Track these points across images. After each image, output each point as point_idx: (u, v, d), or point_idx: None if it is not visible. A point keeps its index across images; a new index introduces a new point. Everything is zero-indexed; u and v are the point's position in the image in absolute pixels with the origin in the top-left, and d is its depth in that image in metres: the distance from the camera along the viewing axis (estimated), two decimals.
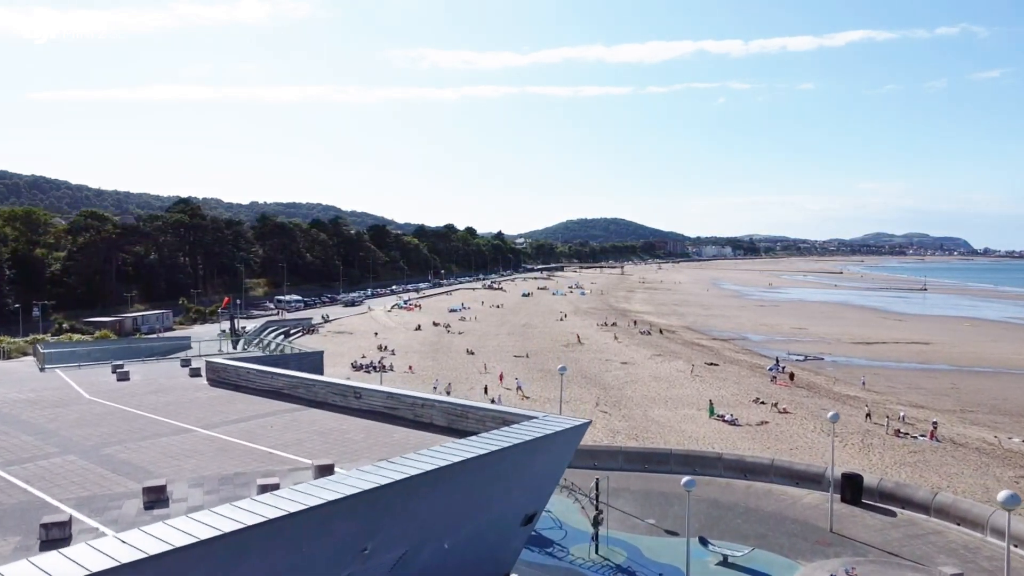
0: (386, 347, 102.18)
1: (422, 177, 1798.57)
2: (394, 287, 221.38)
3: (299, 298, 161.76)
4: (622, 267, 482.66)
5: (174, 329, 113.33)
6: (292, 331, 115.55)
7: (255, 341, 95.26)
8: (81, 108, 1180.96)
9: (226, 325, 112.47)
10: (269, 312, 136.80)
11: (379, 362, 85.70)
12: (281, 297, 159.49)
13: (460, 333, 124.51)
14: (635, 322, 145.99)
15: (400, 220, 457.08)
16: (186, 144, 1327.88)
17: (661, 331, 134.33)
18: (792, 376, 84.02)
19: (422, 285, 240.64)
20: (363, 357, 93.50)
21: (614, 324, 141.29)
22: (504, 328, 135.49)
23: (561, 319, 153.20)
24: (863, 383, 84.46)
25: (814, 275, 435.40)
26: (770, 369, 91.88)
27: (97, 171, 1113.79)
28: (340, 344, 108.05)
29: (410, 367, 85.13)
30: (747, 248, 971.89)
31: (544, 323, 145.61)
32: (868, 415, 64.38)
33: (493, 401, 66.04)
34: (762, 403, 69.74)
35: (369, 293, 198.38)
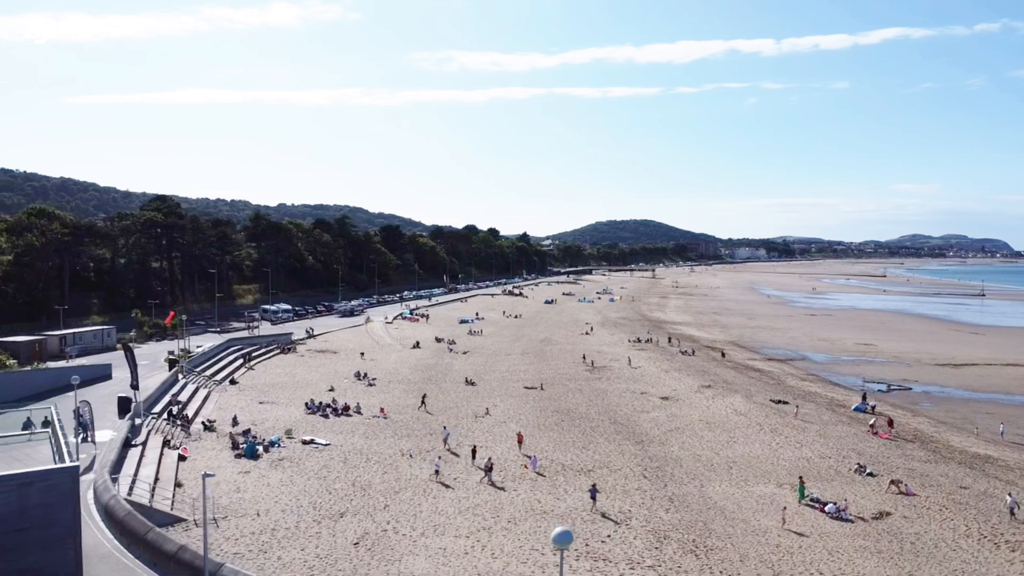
0: (365, 374, 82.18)
1: (449, 180, 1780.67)
2: (404, 293, 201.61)
3: (288, 307, 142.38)
4: (653, 270, 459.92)
5: (117, 348, 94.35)
6: (258, 352, 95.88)
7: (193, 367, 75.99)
8: (114, 112, 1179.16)
9: (184, 343, 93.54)
10: (251, 324, 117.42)
11: (339, 406, 65.49)
12: (267, 306, 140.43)
13: (464, 353, 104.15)
14: (671, 338, 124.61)
15: (427, 222, 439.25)
16: (216, 147, 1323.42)
17: (694, 348, 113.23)
18: (891, 423, 62.63)
19: (436, 291, 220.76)
20: (331, 390, 73.51)
21: (649, 340, 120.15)
22: (519, 345, 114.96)
23: (587, 333, 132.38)
24: (976, 431, 63.71)
25: (856, 278, 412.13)
26: (857, 409, 70.71)
27: (126, 174, 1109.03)
28: (313, 369, 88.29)
29: (382, 410, 64.80)
30: (781, 250, 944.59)
31: (567, 338, 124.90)
32: None
33: (491, 481, 45.79)
34: (870, 474, 48.73)
35: (374, 300, 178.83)
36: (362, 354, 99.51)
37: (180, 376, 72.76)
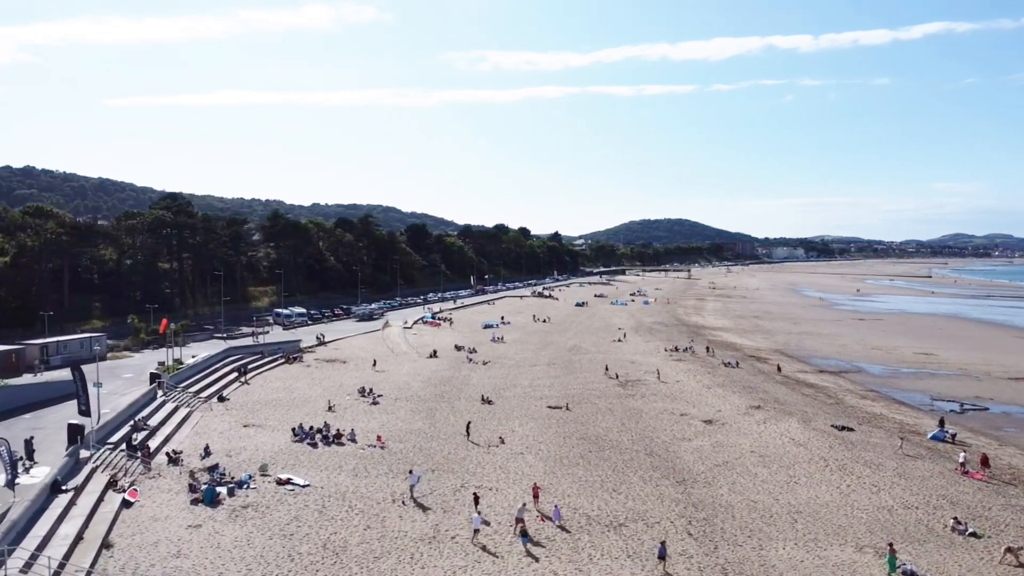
0: (370, 390, 73.55)
1: (481, 179, 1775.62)
2: (429, 295, 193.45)
3: (302, 311, 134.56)
4: (689, 270, 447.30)
5: (106, 359, 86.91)
6: (258, 363, 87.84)
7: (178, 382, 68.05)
8: (152, 113, 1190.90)
9: (176, 353, 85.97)
10: (256, 331, 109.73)
11: (331, 432, 56.77)
12: (280, 310, 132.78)
13: (485, 363, 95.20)
14: (709, 347, 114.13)
15: (460, 222, 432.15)
16: (251, 147, 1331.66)
17: (737, 359, 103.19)
18: (985, 460, 52.39)
19: (463, 293, 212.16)
20: (330, 409, 65.09)
21: (687, 349, 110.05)
22: (545, 354, 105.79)
23: (619, 340, 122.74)
24: None
25: (900, 279, 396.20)
26: (934, 437, 60.54)
27: (163, 174, 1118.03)
28: (317, 382, 79.99)
29: (379, 438, 55.87)
30: (820, 250, 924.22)
31: (598, 346, 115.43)
32: None
33: (491, 549, 36.79)
34: (973, 535, 38.91)
35: (396, 303, 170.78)
36: (374, 363, 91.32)
37: (159, 393, 64.75)
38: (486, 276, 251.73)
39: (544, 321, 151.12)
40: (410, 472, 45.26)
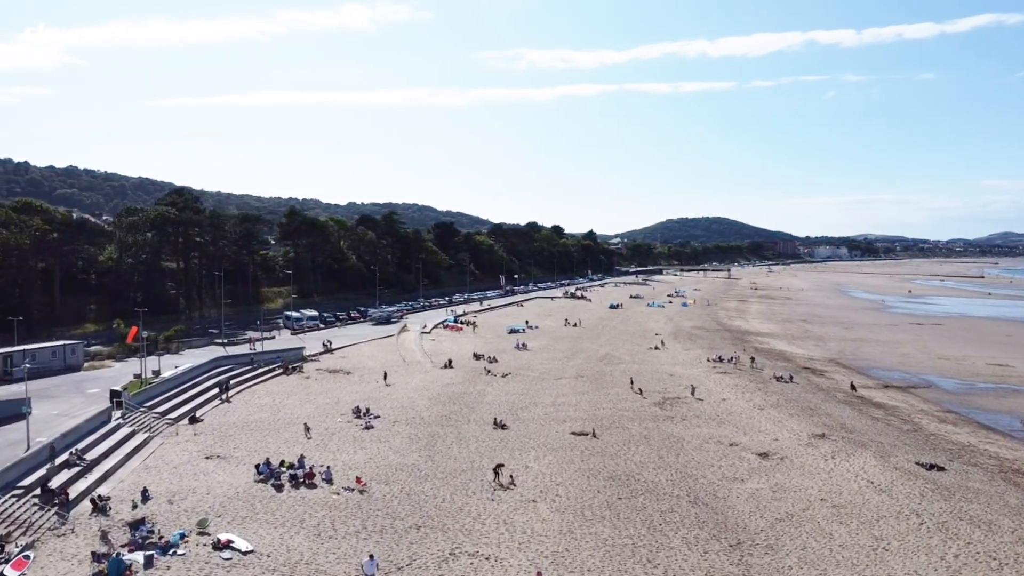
0: (367, 410, 63.67)
1: (516, 178, 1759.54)
2: (455, 296, 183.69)
3: (314, 314, 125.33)
4: (728, 270, 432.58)
5: (82, 368, 78.18)
6: (250, 376, 78.41)
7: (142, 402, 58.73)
8: (193, 114, 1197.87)
9: (160, 363, 77.02)
10: (254, 338, 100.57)
11: (303, 471, 46.79)
12: (291, 313, 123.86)
13: (504, 376, 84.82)
14: (756, 356, 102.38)
15: (495, 220, 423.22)
16: (289, 147, 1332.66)
17: (791, 373, 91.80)
18: None
19: (491, 294, 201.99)
20: (307, 434, 55.36)
21: (732, 360, 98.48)
22: (573, 364, 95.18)
23: (656, 347, 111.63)
24: None
25: (951, 279, 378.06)
26: None
27: (202, 173, 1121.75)
28: (311, 397, 70.30)
29: (359, 480, 45.73)
30: (864, 249, 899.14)
31: (632, 354, 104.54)
32: None
33: None
34: None
35: (418, 304, 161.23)
36: (385, 375, 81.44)
37: (115, 415, 55.43)
38: (516, 276, 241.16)
39: (575, 325, 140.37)
40: (370, 558, 33.46)
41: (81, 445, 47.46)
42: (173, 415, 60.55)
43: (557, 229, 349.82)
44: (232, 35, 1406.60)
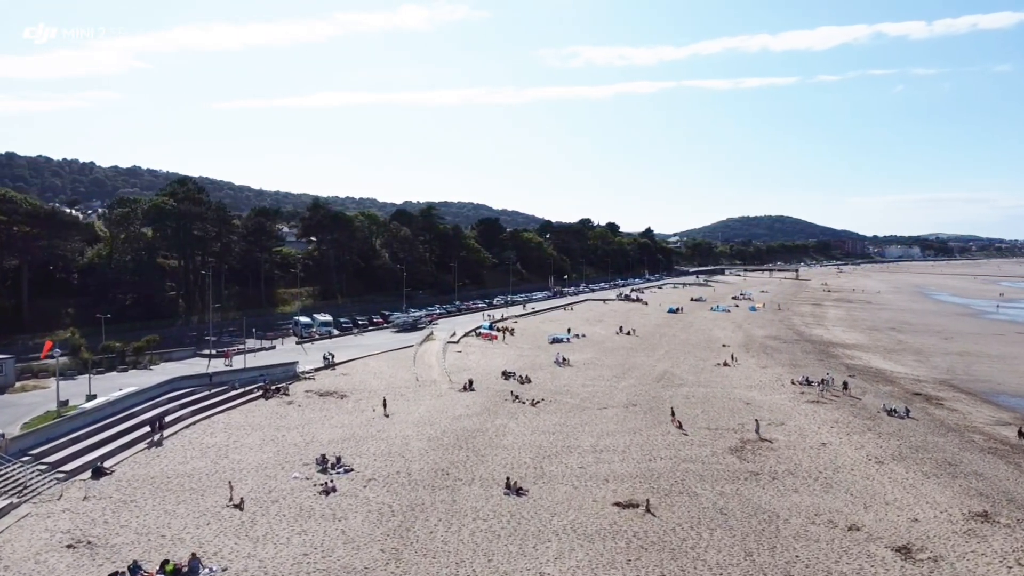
0: (337, 460, 46.96)
1: (572, 177, 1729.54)
2: (498, 299, 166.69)
3: (328, 319, 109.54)
4: (796, 270, 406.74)
5: (8, 389, 63.22)
6: (215, 400, 62.40)
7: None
8: (255, 116, 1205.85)
9: (112, 382, 61.78)
10: (229, 350, 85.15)
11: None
12: (300, 317, 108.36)
13: (535, 404, 67.23)
14: (847, 383, 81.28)
15: (553, 219, 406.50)
16: (348, 147, 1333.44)
17: (907, 405, 72.41)
18: None
19: (536, 295, 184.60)
20: (233, 504, 38.94)
21: (824, 383, 78.65)
22: (623, 386, 77.13)
23: (726, 363, 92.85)
24: None
25: None
26: None
27: (263, 174, 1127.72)
28: (279, 436, 53.89)
29: None
30: (937, 248, 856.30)
31: (697, 374, 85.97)
32: None
33: None
34: None
35: (454, 308, 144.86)
36: (384, 403, 64.87)
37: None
38: (566, 276, 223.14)
39: (628, 334, 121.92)
40: None
41: None
42: (72, 464, 44.68)
43: (612, 226, 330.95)
44: (291, 37, 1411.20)
